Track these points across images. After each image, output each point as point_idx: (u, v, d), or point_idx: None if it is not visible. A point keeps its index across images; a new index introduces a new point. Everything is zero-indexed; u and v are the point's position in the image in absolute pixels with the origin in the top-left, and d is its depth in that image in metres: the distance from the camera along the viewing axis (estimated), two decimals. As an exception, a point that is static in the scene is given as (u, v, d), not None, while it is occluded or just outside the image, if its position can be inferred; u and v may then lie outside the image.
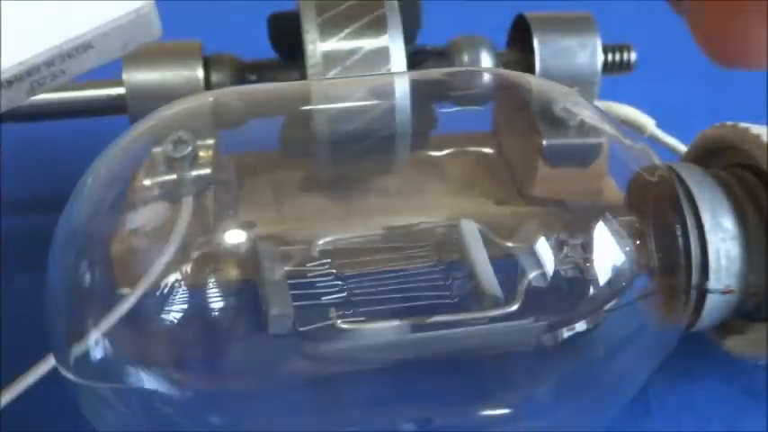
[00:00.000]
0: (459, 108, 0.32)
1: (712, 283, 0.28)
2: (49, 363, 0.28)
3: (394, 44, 0.33)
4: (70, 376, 0.27)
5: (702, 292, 0.28)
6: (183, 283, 0.26)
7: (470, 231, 0.29)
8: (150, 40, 0.27)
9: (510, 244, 0.29)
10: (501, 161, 0.32)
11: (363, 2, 0.33)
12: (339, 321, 0.27)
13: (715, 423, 0.33)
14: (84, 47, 0.25)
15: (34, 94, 0.25)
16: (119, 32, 0.25)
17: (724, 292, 0.28)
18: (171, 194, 0.28)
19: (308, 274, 0.28)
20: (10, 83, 0.24)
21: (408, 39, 0.34)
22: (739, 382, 0.34)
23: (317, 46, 0.32)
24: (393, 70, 0.32)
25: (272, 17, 0.34)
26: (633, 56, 0.37)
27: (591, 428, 0.30)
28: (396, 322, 0.27)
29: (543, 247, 0.28)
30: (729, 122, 0.31)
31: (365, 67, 0.32)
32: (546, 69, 0.36)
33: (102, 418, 0.28)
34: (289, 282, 0.27)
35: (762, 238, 0.29)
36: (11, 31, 0.24)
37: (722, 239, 0.28)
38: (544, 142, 0.31)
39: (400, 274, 0.28)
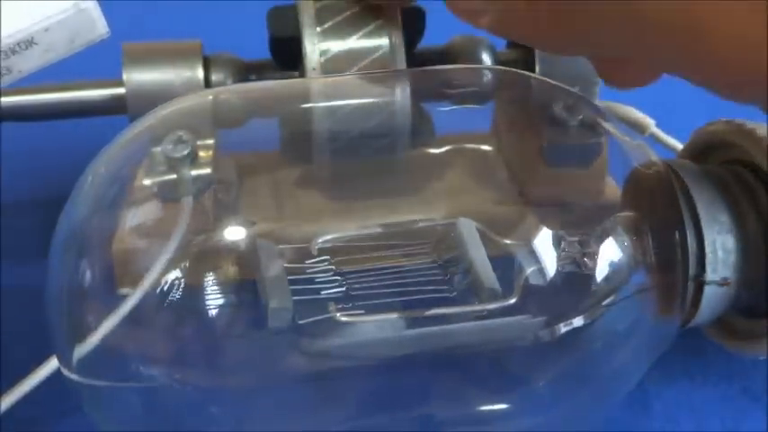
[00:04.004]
0: (459, 107, 0.32)
1: (709, 276, 0.28)
2: (50, 365, 0.28)
3: (394, 43, 0.33)
4: (73, 376, 0.27)
5: (699, 285, 0.28)
6: (183, 281, 0.26)
7: (468, 229, 0.29)
8: (97, 37, 0.27)
9: (508, 241, 0.29)
10: (501, 161, 0.32)
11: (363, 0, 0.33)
12: (338, 315, 0.27)
13: (715, 423, 0.33)
14: (26, 43, 0.25)
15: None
16: (60, 28, 0.25)
17: (721, 284, 0.28)
18: (171, 194, 0.28)
19: (308, 271, 0.28)
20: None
21: (411, 44, 0.34)
22: (739, 382, 0.34)
23: (316, 45, 0.32)
24: (392, 67, 0.32)
25: (271, 12, 0.34)
26: (633, 55, 0.37)
27: (589, 423, 0.30)
28: (394, 316, 0.27)
29: (541, 243, 0.28)
30: (724, 119, 0.31)
31: (365, 66, 0.32)
32: (546, 69, 0.36)
33: (106, 417, 0.28)
34: (288, 278, 0.27)
35: (757, 231, 0.29)
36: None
37: (718, 232, 0.28)
38: (544, 142, 0.31)
39: (399, 270, 0.29)
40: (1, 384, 0.29)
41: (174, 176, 0.28)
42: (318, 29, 0.32)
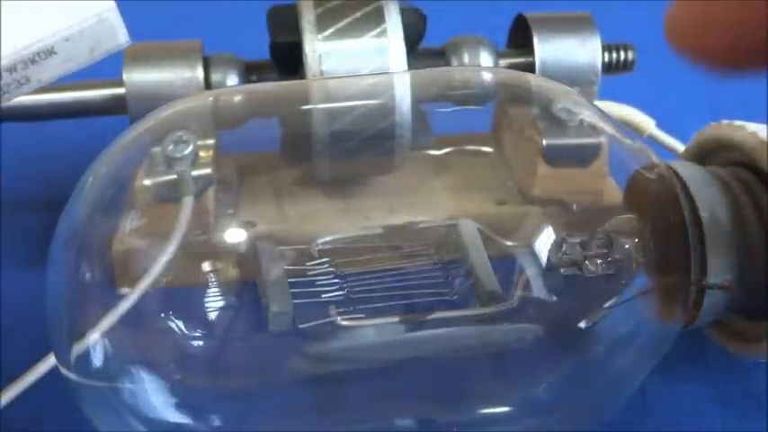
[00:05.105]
0: (459, 108, 0.32)
1: (711, 279, 0.28)
2: (49, 362, 0.28)
3: (394, 44, 0.33)
4: (71, 376, 0.27)
5: (701, 288, 0.28)
6: (182, 282, 0.26)
7: (469, 230, 0.29)
8: (117, 46, 0.27)
9: (509, 243, 0.29)
10: (501, 161, 0.32)
11: (363, 1, 0.33)
12: (339, 318, 0.27)
13: (715, 424, 0.33)
14: (46, 52, 0.25)
15: (0, 102, 0.25)
16: (81, 38, 0.25)
17: (722, 287, 0.28)
18: (171, 194, 0.28)
19: (308, 273, 0.28)
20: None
21: (411, 47, 0.34)
22: (739, 384, 0.34)
23: (317, 46, 0.32)
24: (393, 70, 0.32)
25: (270, 12, 0.34)
26: (633, 55, 0.37)
27: (590, 426, 0.30)
28: (395, 319, 0.27)
29: (542, 246, 0.28)
30: (726, 121, 0.31)
31: (365, 67, 0.32)
32: (546, 69, 0.36)
33: (104, 417, 0.28)
34: (289, 280, 0.28)
35: (759, 233, 0.29)
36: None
37: (720, 235, 0.28)
38: (544, 142, 0.31)
39: (399, 272, 0.29)
40: (0, 383, 0.29)
41: (175, 177, 0.28)
42: (318, 28, 0.32)
